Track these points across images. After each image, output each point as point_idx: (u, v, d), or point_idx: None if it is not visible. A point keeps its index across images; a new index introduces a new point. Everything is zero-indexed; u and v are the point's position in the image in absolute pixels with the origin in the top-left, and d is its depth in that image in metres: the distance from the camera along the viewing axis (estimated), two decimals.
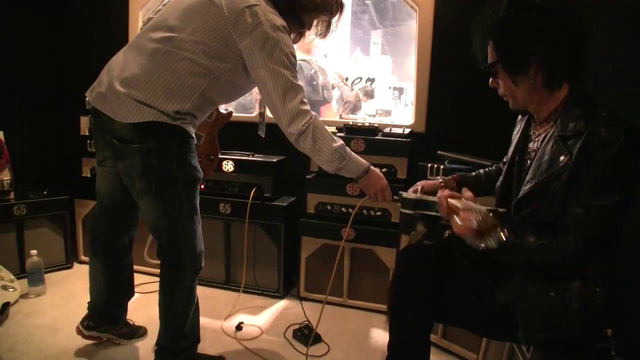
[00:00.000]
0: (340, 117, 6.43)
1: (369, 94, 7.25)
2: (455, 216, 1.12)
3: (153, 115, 1.52)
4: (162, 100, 1.53)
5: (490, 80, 1.30)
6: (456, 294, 1.40)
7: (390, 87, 8.78)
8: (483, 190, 1.67)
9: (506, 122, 1.61)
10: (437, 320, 1.61)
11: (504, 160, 1.63)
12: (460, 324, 1.62)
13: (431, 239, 1.77)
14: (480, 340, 1.96)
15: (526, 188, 1.21)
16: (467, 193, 1.20)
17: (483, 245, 1.04)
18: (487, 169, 1.71)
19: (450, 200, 1.20)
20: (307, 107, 1.63)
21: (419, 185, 1.65)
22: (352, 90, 6.60)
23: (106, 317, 2.00)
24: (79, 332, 1.98)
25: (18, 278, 2.50)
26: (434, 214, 1.39)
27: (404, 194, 1.51)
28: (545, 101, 1.24)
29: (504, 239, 1.03)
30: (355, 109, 7.03)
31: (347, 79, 7.76)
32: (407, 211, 1.50)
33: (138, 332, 2.13)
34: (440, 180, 1.66)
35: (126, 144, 1.57)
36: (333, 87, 5.91)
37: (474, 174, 1.71)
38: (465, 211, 1.06)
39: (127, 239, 1.95)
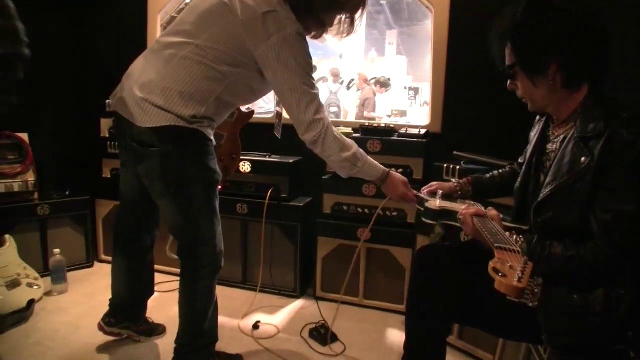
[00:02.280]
0: (362, 116, 6.47)
1: (384, 84, 7.25)
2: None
3: (170, 120, 1.54)
4: (179, 105, 1.55)
5: (509, 82, 1.30)
6: (473, 294, 1.39)
7: (405, 87, 8.75)
8: (498, 192, 1.68)
9: (522, 123, 1.61)
10: (453, 321, 1.61)
11: (520, 160, 1.63)
12: (477, 325, 1.61)
13: (449, 240, 1.77)
14: (497, 341, 1.96)
15: (547, 191, 1.21)
16: (492, 212, 1.21)
17: None
18: (501, 171, 1.70)
19: (475, 220, 1.22)
20: (321, 115, 1.64)
21: (434, 186, 1.65)
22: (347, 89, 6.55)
23: (127, 314, 2.05)
24: (100, 328, 2.03)
25: (42, 276, 2.57)
26: (456, 225, 1.39)
27: (427, 204, 1.50)
28: (564, 102, 1.23)
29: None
30: (375, 105, 7.03)
31: (371, 80, 7.78)
32: (428, 221, 1.50)
33: (157, 329, 2.18)
34: (455, 184, 1.67)
35: (145, 147, 1.60)
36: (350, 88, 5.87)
37: (488, 176, 1.71)
38: (500, 252, 1.04)
39: (149, 239, 1.99)
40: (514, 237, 1.10)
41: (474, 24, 2.55)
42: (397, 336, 2.31)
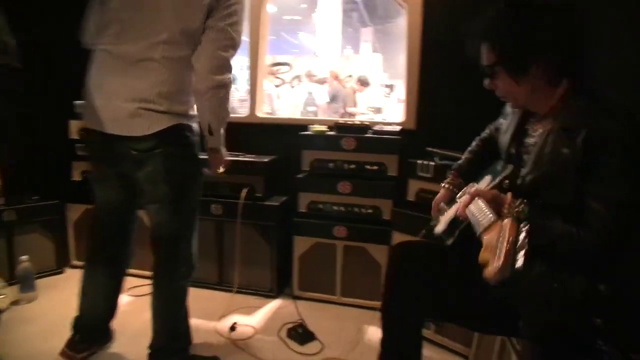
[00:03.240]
0: (342, 115, 6.50)
1: (364, 82, 7.32)
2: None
3: (173, 120, 1.60)
4: (176, 104, 1.61)
5: (488, 82, 1.28)
6: (448, 290, 1.40)
7: (381, 85, 8.80)
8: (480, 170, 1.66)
9: (493, 119, 1.62)
10: (429, 316, 1.61)
11: (485, 136, 1.66)
12: (452, 320, 1.63)
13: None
14: (473, 334, 1.98)
15: (527, 180, 1.22)
16: (470, 190, 1.24)
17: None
18: (474, 149, 1.68)
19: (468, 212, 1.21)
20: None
21: (436, 204, 1.63)
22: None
23: (98, 335, 1.99)
24: (67, 357, 1.89)
25: (9, 284, 2.48)
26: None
27: (437, 230, 1.46)
28: (546, 98, 1.23)
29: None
30: (354, 103, 7.08)
31: (348, 77, 7.79)
32: (451, 240, 1.44)
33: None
34: (448, 185, 1.63)
35: (149, 151, 1.61)
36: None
37: (465, 162, 1.67)
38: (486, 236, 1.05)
39: (130, 251, 1.96)
40: (517, 201, 1.09)
41: (447, 20, 2.59)
42: (375, 333, 2.31)
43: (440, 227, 1.37)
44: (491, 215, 1.10)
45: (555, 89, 1.21)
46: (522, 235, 0.98)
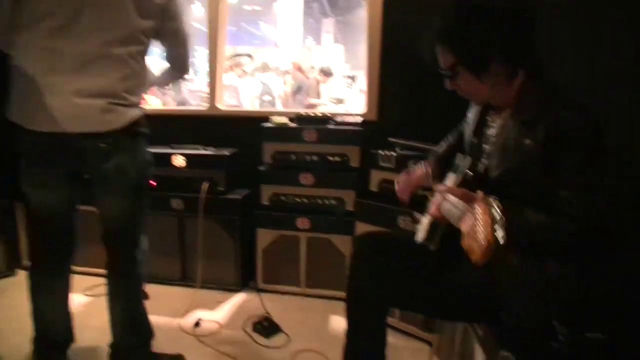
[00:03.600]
0: (307, 106, 6.47)
1: (327, 73, 7.30)
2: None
3: (136, 111, 1.64)
4: (137, 97, 1.66)
5: (449, 82, 1.28)
6: (412, 279, 1.42)
7: (343, 76, 8.80)
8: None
9: (455, 109, 1.64)
10: (393, 306, 1.64)
11: (459, 126, 1.66)
12: (416, 309, 1.65)
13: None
14: (436, 321, 2.02)
15: (495, 174, 1.24)
16: (439, 188, 1.26)
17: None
18: (449, 140, 1.70)
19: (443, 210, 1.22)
20: None
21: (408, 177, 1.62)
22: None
23: (66, 339, 1.88)
24: None
25: None
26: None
27: (418, 239, 1.42)
28: (506, 91, 1.25)
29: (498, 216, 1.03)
30: (318, 94, 7.05)
31: (310, 68, 7.74)
32: (434, 246, 1.39)
33: None
34: (425, 170, 1.62)
35: (118, 143, 1.62)
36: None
37: (443, 148, 1.68)
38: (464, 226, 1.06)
39: (78, 242, 1.88)
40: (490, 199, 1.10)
41: (407, 11, 2.60)
42: (340, 323, 2.32)
43: (421, 235, 1.38)
44: (463, 205, 1.12)
45: (513, 81, 1.23)
46: (495, 211, 1.01)
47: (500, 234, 0.98)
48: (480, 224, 0.99)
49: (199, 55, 9.12)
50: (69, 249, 1.84)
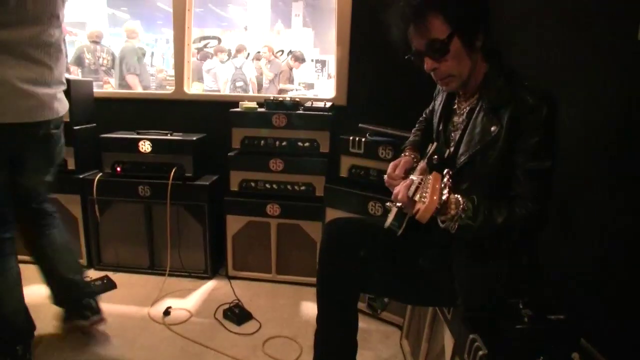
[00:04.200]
0: (279, 91, 6.39)
1: (300, 58, 7.23)
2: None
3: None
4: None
5: (430, 63, 1.23)
6: (381, 264, 1.43)
7: (312, 60, 8.71)
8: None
9: (423, 94, 1.65)
10: (363, 291, 1.65)
11: (423, 118, 1.68)
12: (385, 294, 1.67)
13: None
14: (406, 306, 2.05)
15: (461, 161, 1.25)
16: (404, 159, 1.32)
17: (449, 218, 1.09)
18: (419, 127, 1.69)
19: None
20: None
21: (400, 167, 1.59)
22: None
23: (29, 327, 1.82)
24: None
25: None
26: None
27: (386, 224, 1.41)
28: (476, 76, 1.26)
29: (462, 203, 1.08)
30: (290, 79, 6.97)
31: (280, 52, 7.64)
32: (400, 231, 1.37)
33: None
34: (413, 157, 1.55)
35: (60, 126, 1.78)
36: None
37: (418, 137, 1.65)
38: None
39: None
40: (456, 196, 1.11)
41: None
42: (311, 309, 2.34)
43: (389, 220, 1.39)
44: (419, 179, 1.12)
45: (484, 65, 1.25)
46: (445, 180, 1.04)
47: (445, 194, 1.02)
48: (430, 188, 1.01)
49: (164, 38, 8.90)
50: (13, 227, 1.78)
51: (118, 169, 2.60)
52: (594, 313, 1.38)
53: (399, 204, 1.28)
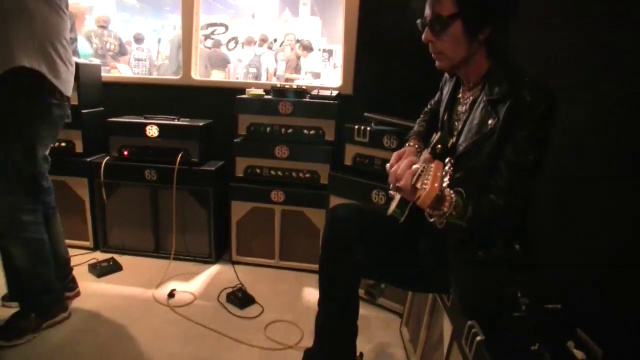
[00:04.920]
0: (286, 79, 6.37)
1: (308, 47, 7.19)
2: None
3: None
4: None
5: (428, 34, 1.25)
6: (382, 250, 1.45)
7: (319, 49, 8.66)
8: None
9: (428, 85, 1.65)
10: (364, 276, 1.67)
11: (428, 109, 1.68)
12: (386, 280, 1.70)
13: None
14: (407, 293, 2.08)
15: (459, 150, 1.26)
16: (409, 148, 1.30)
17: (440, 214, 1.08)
18: (424, 118, 1.69)
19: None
20: None
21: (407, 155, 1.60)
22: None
23: None
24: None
25: None
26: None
27: (389, 212, 1.41)
28: (478, 66, 1.26)
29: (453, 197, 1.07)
30: (298, 68, 6.95)
31: (274, 41, 7.61)
32: (402, 218, 1.38)
33: None
34: (413, 143, 1.57)
35: None
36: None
37: (423, 127, 1.66)
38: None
39: None
40: (451, 192, 1.11)
41: None
42: (313, 294, 2.37)
43: (392, 207, 1.41)
44: (422, 166, 1.14)
45: (488, 59, 1.25)
46: (446, 168, 1.05)
47: (447, 181, 1.02)
48: (431, 175, 1.03)
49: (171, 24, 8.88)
50: None
51: (125, 152, 2.62)
52: (590, 305, 1.40)
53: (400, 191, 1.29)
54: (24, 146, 1.73)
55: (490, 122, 1.19)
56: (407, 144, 1.58)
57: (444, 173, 1.04)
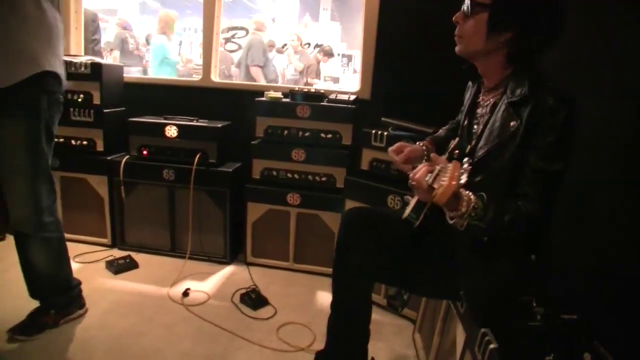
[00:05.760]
0: (306, 83, 6.40)
1: (328, 53, 7.22)
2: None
3: None
4: None
5: (459, 15, 1.26)
6: (396, 255, 1.45)
7: (338, 54, 8.68)
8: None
9: (448, 91, 1.65)
10: (377, 280, 1.67)
11: (455, 120, 1.68)
12: (399, 285, 1.69)
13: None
14: (420, 299, 2.06)
15: (479, 154, 1.25)
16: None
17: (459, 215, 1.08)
18: (449, 126, 1.70)
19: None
20: None
21: (404, 151, 1.58)
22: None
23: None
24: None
25: None
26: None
27: (404, 215, 1.43)
28: (498, 69, 1.27)
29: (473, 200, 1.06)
30: (317, 72, 6.97)
31: (306, 45, 7.64)
32: (418, 222, 1.39)
33: None
34: (423, 147, 1.61)
35: None
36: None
37: (443, 135, 1.68)
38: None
39: None
40: (469, 193, 1.11)
41: None
42: (326, 298, 2.37)
43: (407, 211, 1.41)
44: (440, 166, 1.14)
45: (510, 65, 1.25)
46: (465, 166, 1.04)
47: (464, 179, 1.01)
48: (449, 173, 1.02)
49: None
50: None
51: (144, 152, 2.66)
52: (607, 317, 1.38)
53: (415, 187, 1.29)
54: (49, 142, 1.78)
55: (512, 123, 1.18)
56: (420, 142, 1.60)
57: (461, 171, 1.03)
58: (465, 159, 1.07)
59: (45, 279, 1.88)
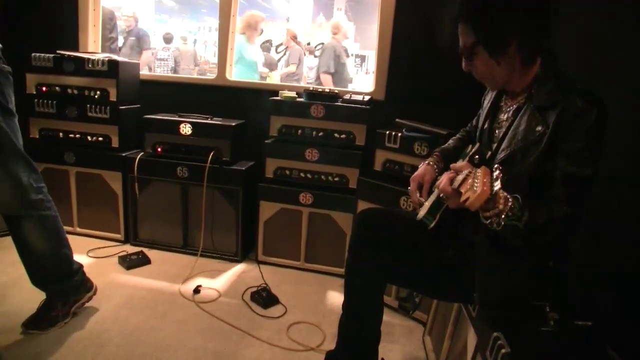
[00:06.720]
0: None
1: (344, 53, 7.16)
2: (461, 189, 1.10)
3: None
4: None
5: (465, 64, 1.28)
6: (408, 256, 1.44)
7: (352, 55, 8.67)
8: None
9: (463, 92, 1.64)
10: (389, 281, 1.67)
11: (467, 128, 1.67)
12: (410, 286, 1.68)
13: None
14: (431, 302, 2.06)
15: (501, 156, 1.25)
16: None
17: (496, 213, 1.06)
18: (459, 136, 1.70)
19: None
20: None
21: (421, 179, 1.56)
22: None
23: None
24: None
25: None
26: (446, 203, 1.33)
27: (419, 217, 1.41)
28: (521, 77, 1.26)
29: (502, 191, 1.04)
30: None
31: (308, 44, 7.65)
32: (433, 224, 1.38)
33: None
34: (436, 169, 1.57)
35: None
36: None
37: (451, 147, 1.67)
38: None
39: None
40: (505, 194, 1.08)
41: None
42: (336, 298, 2.37)
43: (422, 213, 1.41)
44: (467, 171, 1.14)
45: (530, 67, 1.24)
46: (496, 173, 1.04)
47: (497, 185, 1.01)
48: (480, 179, 1.02)
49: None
50: None
51: (159, 149, 2.69)
52: (622, 323, 1.36)
53: (440, 195, 1.28)
54: (8, 118, 1.71)
55: (538, 128, 1.17)
56: (427, 161, 1.58)
57: (494, 177, 1.03)
58: (496, 165, 1.06)
59: (44, 261, 1.84)
